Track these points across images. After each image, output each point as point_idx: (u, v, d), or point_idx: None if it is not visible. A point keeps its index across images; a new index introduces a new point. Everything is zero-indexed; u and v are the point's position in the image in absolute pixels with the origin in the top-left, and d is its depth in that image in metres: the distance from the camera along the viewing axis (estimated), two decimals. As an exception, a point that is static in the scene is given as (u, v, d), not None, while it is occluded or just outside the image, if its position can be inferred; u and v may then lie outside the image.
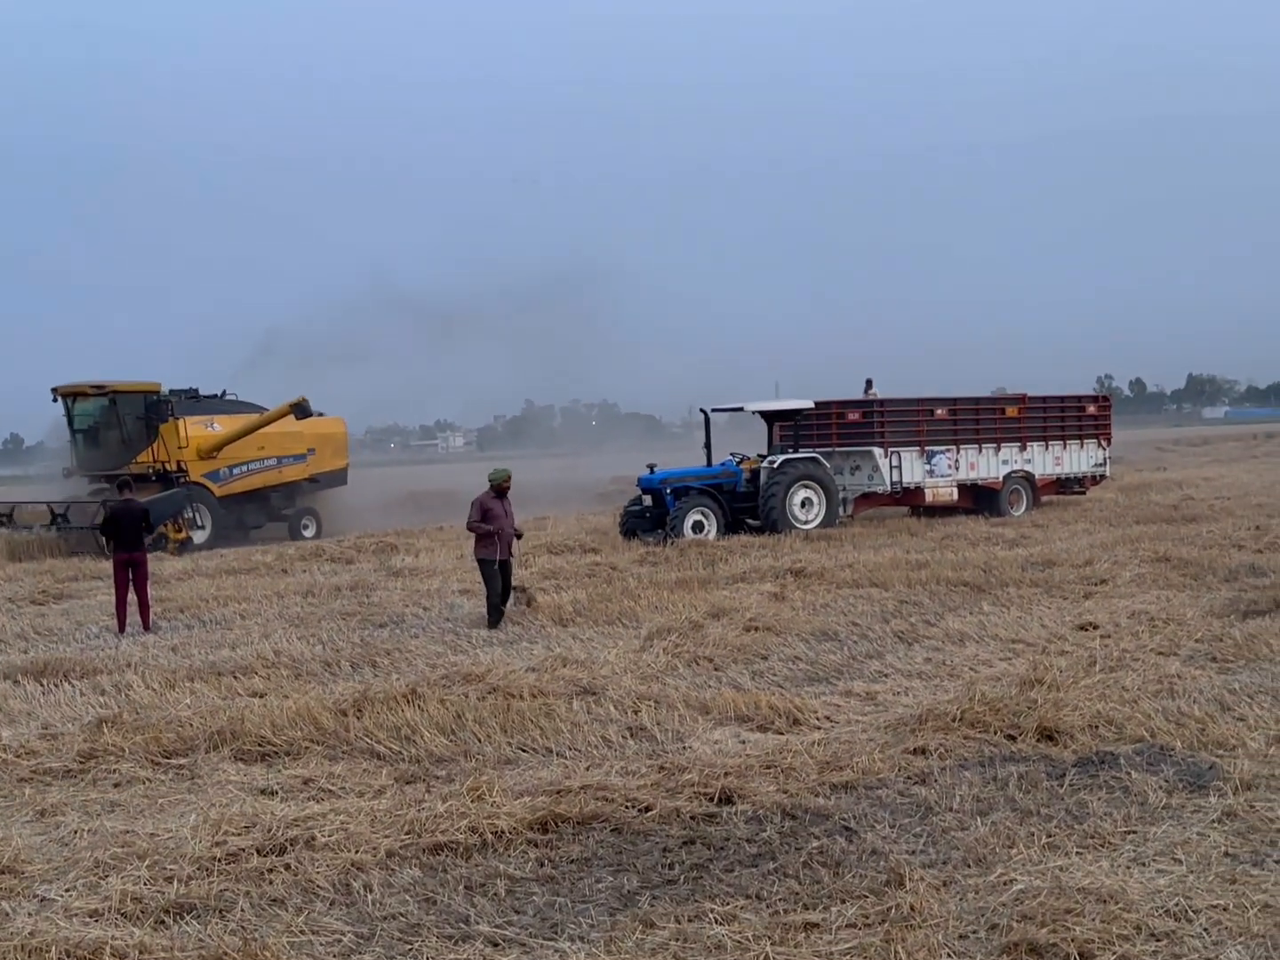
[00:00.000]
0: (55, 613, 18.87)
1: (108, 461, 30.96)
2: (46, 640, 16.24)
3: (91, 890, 6.99)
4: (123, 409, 31.28)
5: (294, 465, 34.25)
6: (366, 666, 13.45)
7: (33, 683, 12.88)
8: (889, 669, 12.63)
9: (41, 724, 11.15)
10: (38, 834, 8.20)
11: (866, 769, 8.90)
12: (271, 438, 33.05)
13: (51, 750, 10.12)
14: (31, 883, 7.16)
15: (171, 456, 30.85)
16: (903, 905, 6.33)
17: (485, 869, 7.27)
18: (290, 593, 19.88)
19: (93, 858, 7.50)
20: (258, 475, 33.22)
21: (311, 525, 33.93)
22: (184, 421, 31.38)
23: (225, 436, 31.98)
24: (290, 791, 8.95)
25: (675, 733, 10.25)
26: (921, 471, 29.04)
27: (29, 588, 21.69)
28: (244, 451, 32.53)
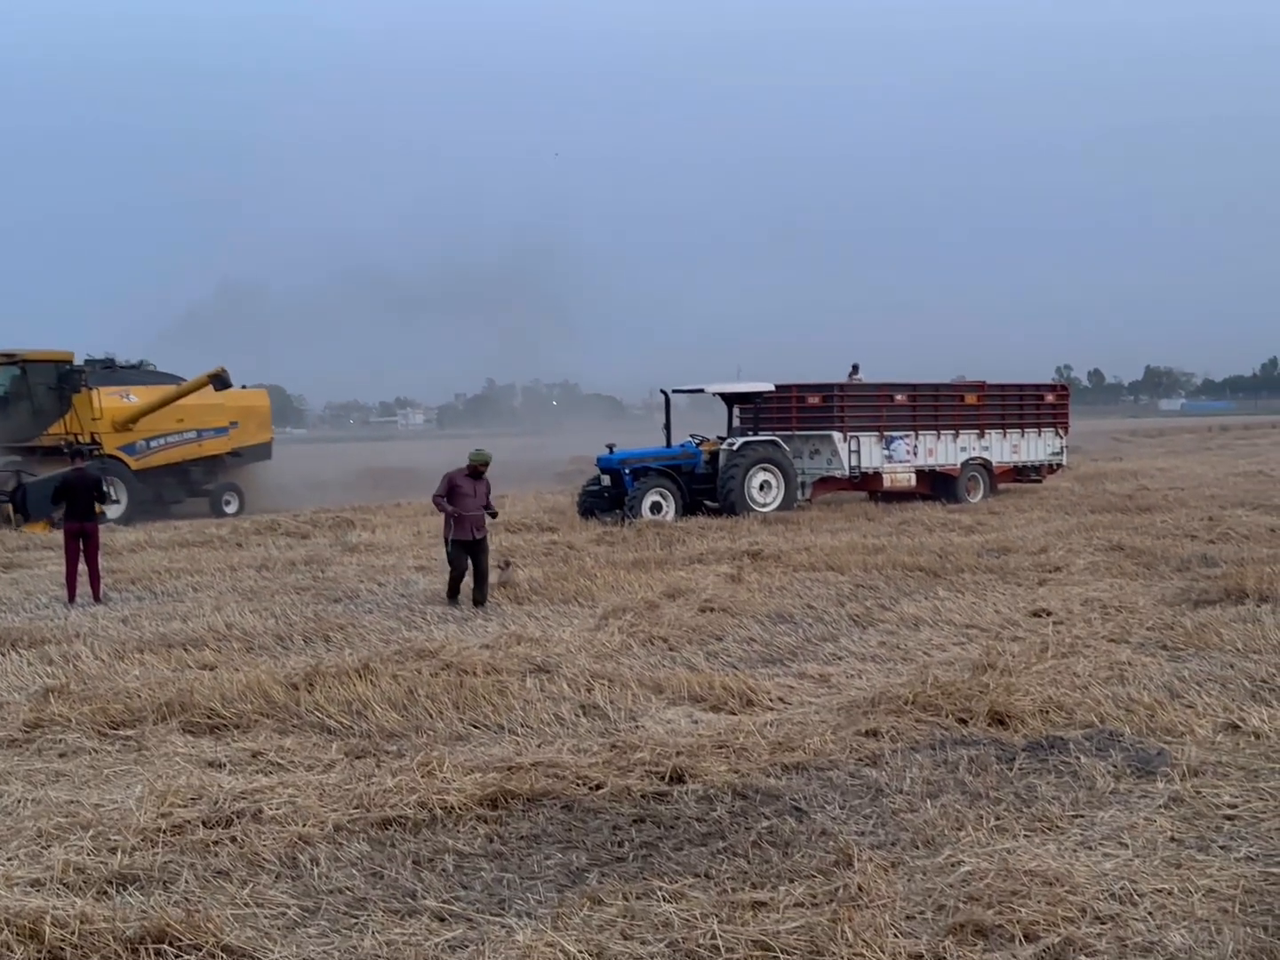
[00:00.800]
0: (4, 582, 18.68)
1: (18, 433, 30.05)
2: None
3: (33, 860, 6.91)
4: (33, 378, 30.23)
5: (215, 439, 33.26)
6: (319, 641, 13.37)
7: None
8: (843, 652, 12.65)
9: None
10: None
11: (818, 750, 8.90)
12: (191, 410, 31.98)
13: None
14: (-28, 852, 7.07)
15: (85, 428, 29.82)
16: (851, 885, 6.33)
17: (434, 844, 7.23)
18: (244, 566, 19.75)
19: (35, 827, 7.42)
20: (176, 449, 32.19)
21: (234, 501, 32.91)
22: (98, 392, 30.35)
23: (141, 408, 30.92)
24: (238, 764, 8.89)
25: (628, 711, 10.23)
26: (880, 457, 29.10)
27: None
28: (162, 424, 31.53)
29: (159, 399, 31.01)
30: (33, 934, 5.59)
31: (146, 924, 5.70)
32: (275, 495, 34.06)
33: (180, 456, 32.28)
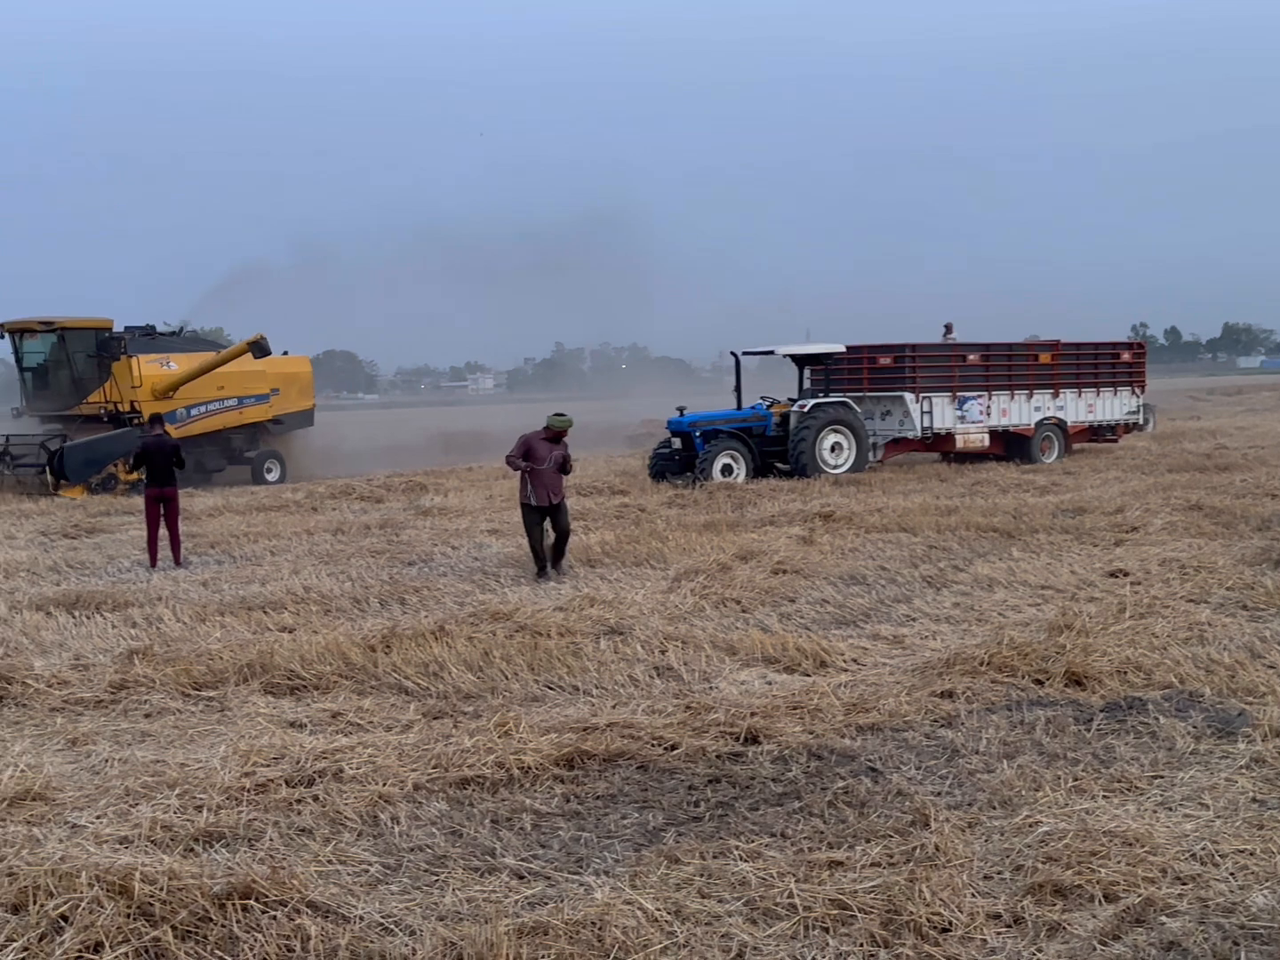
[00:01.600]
0: (87, 546, 19.01)
1: (58, 401, 30.14)
2: (78, 573, 16.37)
3: (122, 818, 7.05)
4: (72, 346, 30.06)
5: (256, 406, 32.81)
6: (395, 603, 13.51)
7: (65, 614, 13.00)
8: (917, 613, 12.60)
9: (73, 655, 11.24)
10: (69, 762, 8.28)
11: (893, 711, 8.89)
12: (232, 377, 31.53)
13: (83, 680, 10.22)
14: (63, 809, 7.23)
15: (124, 396, 29.66)
16: (927, 845, 6.34)
17: (511, 803, 7.31)
18: (320, 530, 19.97)
19: (123, 786, 7.58)
20: (217, 416, 31.72)
21: (275, 469, 32.50)
22: (138, 360, 30.00)
23: (181, 376, 30.46)
24: (319, 725, 9.01)
25: (702, 673, 10.26)
26: (953, 417, 28.89)
27: (61, 521, 21.86)
28: (203, 391, 31.08)
29: (198, 367, 30.61)
30: (122, 890, 5.71)
31: (233, 880, 5.80)
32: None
33: (221, 424, 31.92)
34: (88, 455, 27.60)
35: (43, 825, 6.93)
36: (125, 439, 28.17)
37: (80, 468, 27.26)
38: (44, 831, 6.79)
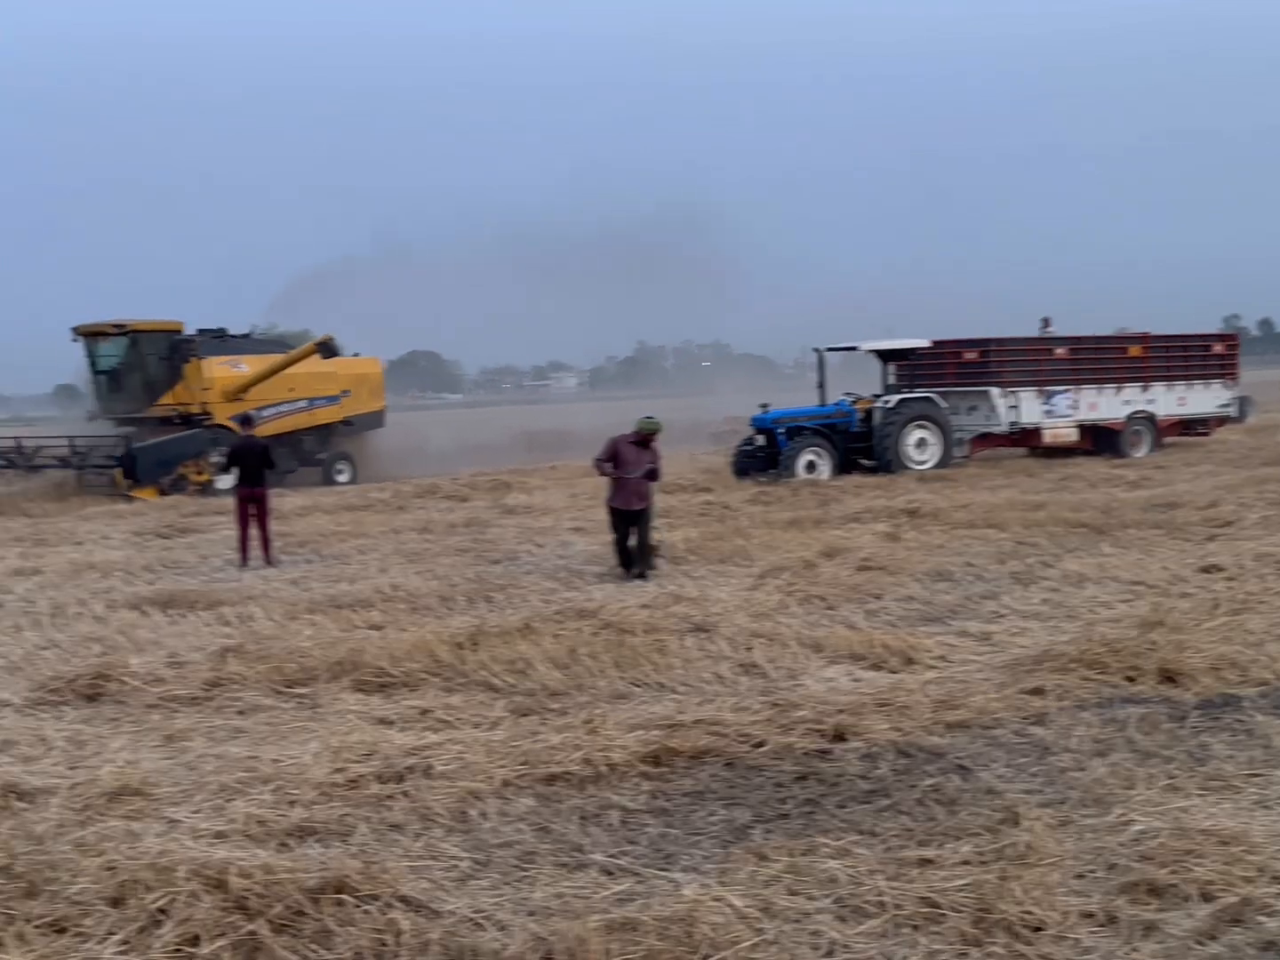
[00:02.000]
0: (180, 546, 19.34)
1: (131, 404, 30.25)
2: (172, 572, 16.65)
3: (217, 813, 7.18)
4: (144, 349, 30.25)
5: (327, 407, 32.87)
6: (481, 601, 13.60)
7: (159, 613, 13.24)
8: (1005, 610, 12.48)
9: (168, 653, 11.43)
10: (165, 758, 8.42)
11: (982, 709, 8.81)
12: (303, 379, 31.61)
13: (178, 678, 10.39)
14: (160, 805, 7.36)
15: (195, 398, 29.82)
16: (1019, 843, 6.27)
17: (599, 800, 7.34)
18: (406, 529, 20.16)
19: (218, 782, 7.71)
20: (288, 417, 31.67)
21: (346, 470, 32.49)
22: (208, 362, 30.28)
23: (251, 377, 30.62)
24: (408, 721, 9.10)
25: (788, 670, 10.23)
26: (1040, 412, 28.58)
27: (155, 521, 22.27)
28: (273, 393, 31.07)
29: (268, 368, 30.73)
30: (219, 884, 5.81)
31: (326, 875, 5.88)
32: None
33: (292, 425, 31.81)
34: (159, 456, 27.86)
35: (141, 820, 7.07)
36: (195, 440, 28.72)
37: (151, 469, 27.49)
38: (142, 826, 6.92)
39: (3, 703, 9.93)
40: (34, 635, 12.30)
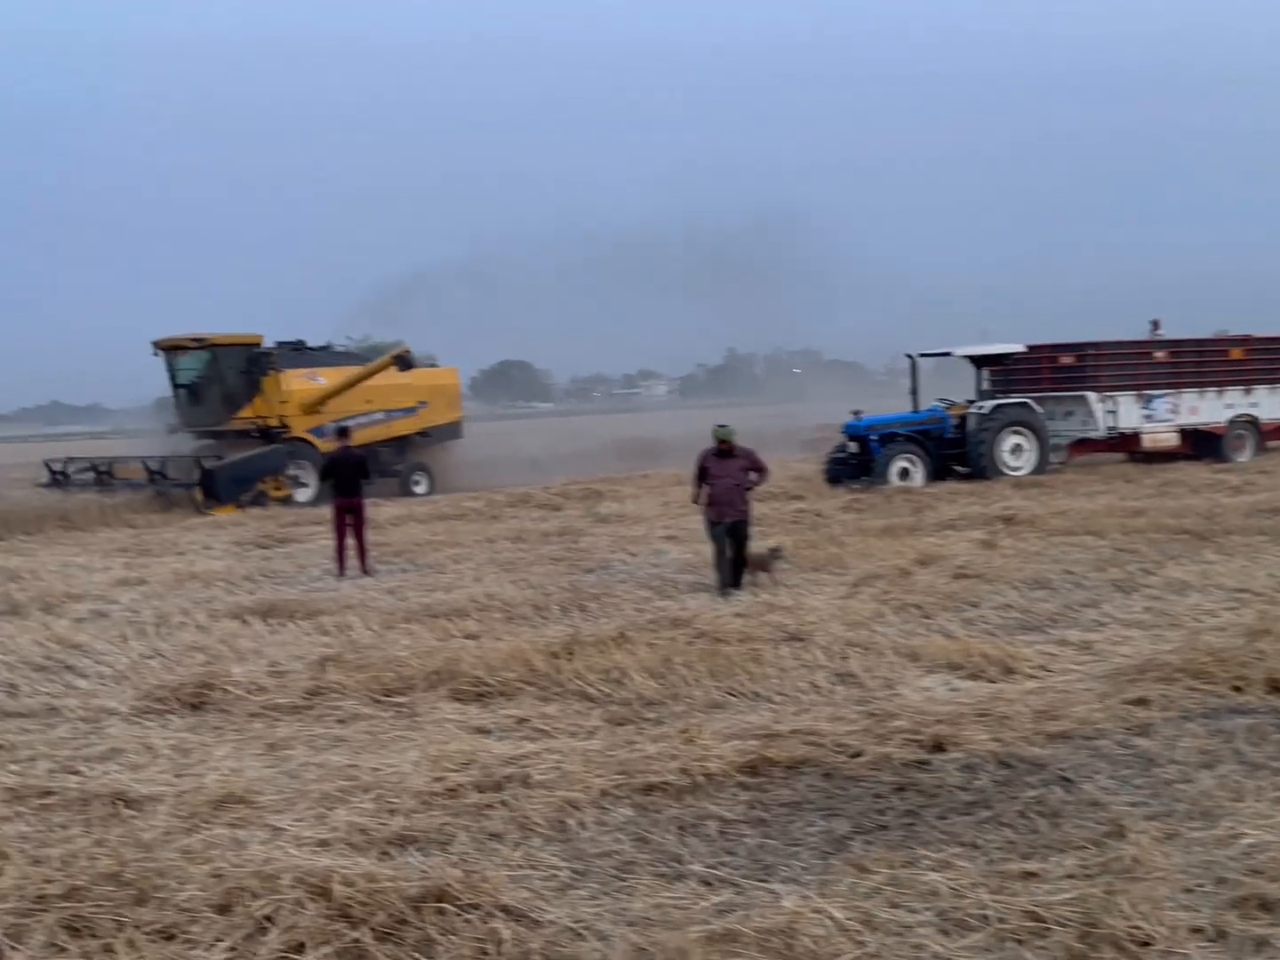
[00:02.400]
0: (279, 556, 19.62)
1: (210, 417, 30.39)
2: (272, 582, 16.90)
3: (319, 821, 7.26)
4: (223, 362, 30.34)
5: (404, 419, 32.79)
6: (576, 610, 13.65)
7: (260, 622, 13.43)
8: (1106, 618, 12.29)
9: (269, 662, 11.61)
10: (268, 766, 8.54)
11: (1084, 719, 8.69)
12: (380, 391, 31.56)
13: (279, 687, 10.54)
14: (263, 813, 7.47)
15: (273, 411, 29.88)
16: (1125, 857, 6.17)
17: (697, 810, 7.33)
18: (500, 538, 20.29)
19: (320, 790, 7.81)
20: (365, 430, 30.90)
21: (423, 481, 32.23)
22: (286, 375, 30.32)
23: (329, 390, 30.61)
24: (505, 730, 9.16)
25: (884, 679, 10.16)
26: (1139, 416, 28.15)
27: (254, 532, 22.62)
28: (350, 405, 30.78)
29: (344, 381, 30.67)
30: (323, 892, 5.87)
31: (427, 883, 5.93)
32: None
33: (369, 437, 31.10)
34: (237, 473, 27.76)
35: (246, 828, 7.17)
36: (273, 455, 28.69)
37: (230, 486, 27.37)
38: (247, 834, 7.03)
39: (110, 711, 10.13)
40: (139, 644, 12.53)
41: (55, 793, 7.85)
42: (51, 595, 15.54)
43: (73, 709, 10.24)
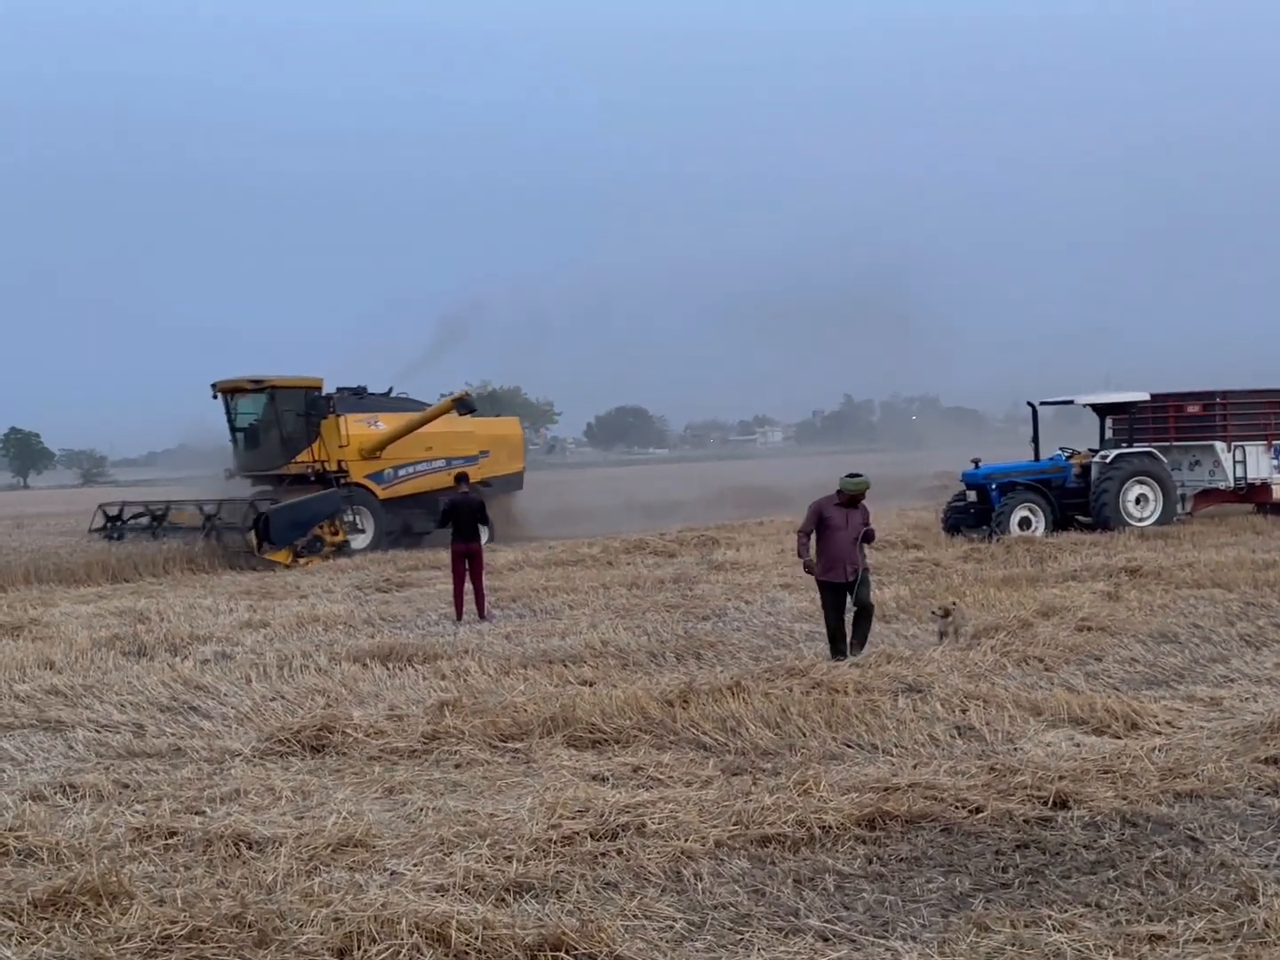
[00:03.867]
0: (398, 600, 19.88)
1: (267, 461, 29.96)
2: (390, 626, 17.11)
3: (437, 866, 7.30)
4: (281, 405, 29.76)
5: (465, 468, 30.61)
6: (690, 658, 13.63)
7: (379, 666, 13.59)
8: (1235, 674, 11.99)
9: (388, 705, 11.74)
10: (386, 810, 8.63)
11: (1213, 778, 8.46)
12: (441, 438, 30.90)
13: (398, 730, 10.65)
14: (382, 856, 7.54)
15: (331, 456, 29.23)
16: (1256, 921, 6.00)
17: (813, 863, 7.26)
18: (615, 584, 20.33)
19: (437, 835, 7.85)
20: (425, 477, 30.73)
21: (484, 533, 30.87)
22: (345, 419, 29.67)
23: (388, 435, 30.11)
24: (621, 778, 9.15)
25: (1005, 733, 9.99)
26: (1269, 467, 27.47)
27: (374, 576, 22.96)
28: (410, 452, 30.52)
29: (404, 426, 30.22)
30: (440, 938, 5.92)
31: (544, 931, 5.94)
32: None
33: (429, 485, 30.61)
34: (292, 518, 26.97)
35: (364, 871, 7.25)
36: (330, 500, 27.95)
37: (285, 530, 26.60)
38: (365, 878, 7.10)
39: (233, 753, 10.31)
40: (262, 686, 12.75)
41: (179, 833, 7.99)
42: (178, 636, 15.89)
43: (197, 750, 10.44)
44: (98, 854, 7.45)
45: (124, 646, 15.28)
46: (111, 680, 13.08)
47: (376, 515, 29.48)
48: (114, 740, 10.81)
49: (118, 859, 7.43)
